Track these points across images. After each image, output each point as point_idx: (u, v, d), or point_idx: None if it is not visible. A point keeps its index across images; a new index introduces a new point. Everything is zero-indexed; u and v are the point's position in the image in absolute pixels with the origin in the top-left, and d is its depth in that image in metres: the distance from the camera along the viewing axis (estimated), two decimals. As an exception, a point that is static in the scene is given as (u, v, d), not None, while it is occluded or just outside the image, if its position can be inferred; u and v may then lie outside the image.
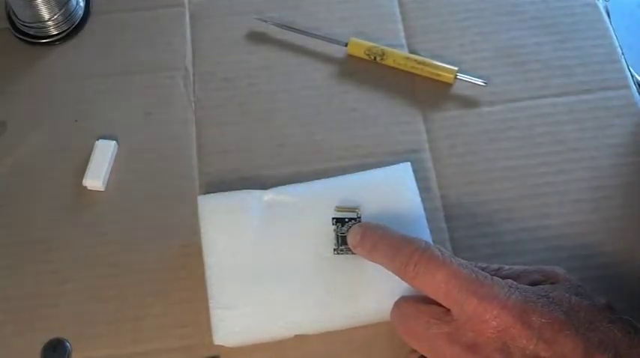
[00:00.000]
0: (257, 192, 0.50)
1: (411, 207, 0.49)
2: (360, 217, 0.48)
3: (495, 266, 0.44)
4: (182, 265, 0.50)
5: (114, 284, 0.49)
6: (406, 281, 0.43)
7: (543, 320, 0.38)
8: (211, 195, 0.50)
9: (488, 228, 0.51)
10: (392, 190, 0.49)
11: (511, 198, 0.52)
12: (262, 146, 0.55)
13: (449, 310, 0.41)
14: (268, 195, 0.49)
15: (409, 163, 0.51)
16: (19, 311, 0.49)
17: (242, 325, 0.45)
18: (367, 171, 0.51)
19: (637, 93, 0.56)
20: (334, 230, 0.48)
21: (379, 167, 0.51)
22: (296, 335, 0.46)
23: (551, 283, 0.42)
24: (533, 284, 0.42)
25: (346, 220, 0.48)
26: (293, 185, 0.50)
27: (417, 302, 0.43)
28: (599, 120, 0.55)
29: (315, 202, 0.49)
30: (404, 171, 0.50)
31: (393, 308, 0.44)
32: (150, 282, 0.49)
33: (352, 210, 0.49)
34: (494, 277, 0.41)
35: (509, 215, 0.52)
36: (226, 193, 0.50)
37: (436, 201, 0.52)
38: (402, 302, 0.44)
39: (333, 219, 0.48)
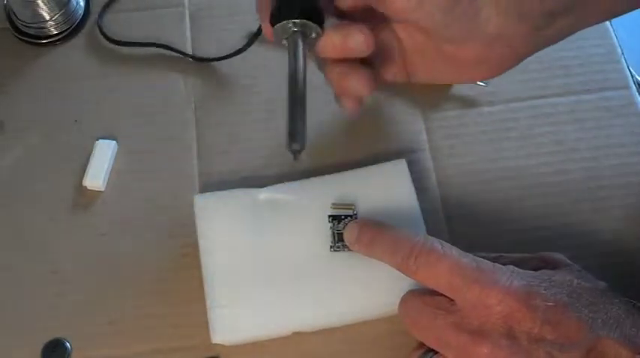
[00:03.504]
0: (253, 191, 0.50)
1: (406, 203, 0.49)
2: (356, 214, 0.48)
3: (494, 255, 0.44)
4: (182, 265, 0.50)
5: (114, 284, 0.49)
6: (408, 276, 0.43)
7: (547, 304, 0.39)
8: (207, 193, 0.50)
9: (488, 228, 0.51)
10: (387, 187, 0.50)
11: (511, 198, 0.52)
12: (262, 146, 0.55)
13: (453, 300, 0.41)
14: (264, 194, 0.49)
15: (404, 160, 0.51)
16: (19, 312, 0.49)
17: (239, 323, 0.45)
18: (362, 168, 0.51)
19: (637, 94, 0.56)
20: (330, 227, 0.48)
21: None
22: (294, 333, 0.46)
23: (552, 268, 0.42)
24: (533, 270, 0.42)
25: (342, 217, 0.48)
26: (289, 183, 0.50)
27: (422, 294, 0.43)
28: (599, 120, 0.55)
29: (311, 200, 0.49)
30: (399, 168, 0.50)
31: (400, 303, 0.44)
32: (150, 282, 0.49)
33: (348, 207, 0.49)
34: (496, 264, 0.41)
35: (509, 215, 0.52)
36: (222, 192, 0.50)
37: (436, 201, 0.52)
38: (408, 296, 0.44)
39: (329, 216, 0.48)
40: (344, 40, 0.43)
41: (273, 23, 0.42)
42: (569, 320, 0.38)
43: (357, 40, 0.43)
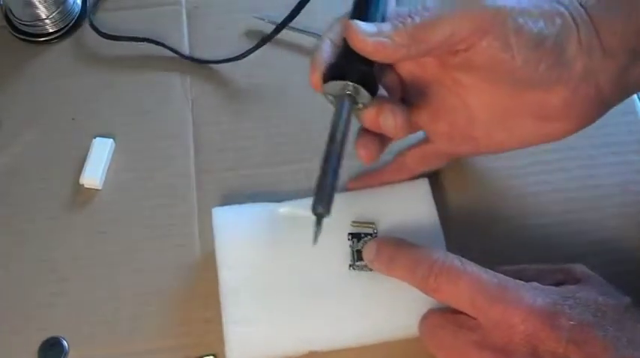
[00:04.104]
0: (272, 205, 0.49)
1: (428, 223, 0.48)
2: (376, 232, 0.48)
3: (515, 267, 0.44)
4: (179, 263, 0.50)
5: (111, 283, 0.49)
6: (428, 294, 0.42)
7: (572, 323, 0.38)
8: (226, 207, 0.49)
9: (486, 228, 0.51)
10: (409, 205, 0.49)
11: (509, 197, 0.52)
12: (260, 144, 0.55)
13: (476, 318, 0.40)
14: (283, 209, 0.49)
15: (427, 179, 0.50)
16: (17, 310, 0.48)
17: (256, 341, 0.45)
18: (384, 186, 0.50)
19: (635, 92, 0.56)
20: (350, 245, 0.47)
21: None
22: (310, 352, 0.45)
23: (574, 282, 0.42)
24: (556, 284, 0.41)
25: (362, 235, 0.48)
26: (308, 199, 0.49)
27: (444, 312, 0.42)
28: (596, 118, 0.55)
29: (331, 217, 0.48)
30: (421, 187, 0.50)
31: (421, 321, 0.44)
32: (147, 281, 0.49)
33: (368, 225, 0.48)
34: (518, 281, 0.40)
35: (507, 214, 0.52)
36: (241, 206, 0.49)
37: (435, 201, 0.52)
38: (429, 313, 0.43)
39: (349, 234, 0.48)
40: (376, 116, 0.43)
41: (329, 77, 0.41)
42: (594, 339, 0.38)
43: (386, 120, 0.42)
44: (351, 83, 0.41)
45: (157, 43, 0.58)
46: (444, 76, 0.44)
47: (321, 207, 0.40)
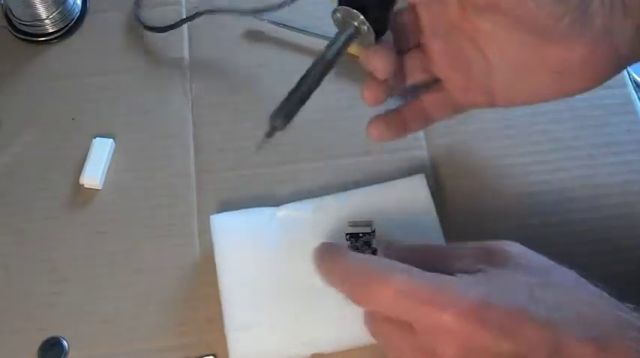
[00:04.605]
0: (270, 209, 0.49)
1: (426, 219, 0.48)
2: (374, 231, 0.48)
3: (439, 246, 0.42)
4: (179, 264, 0.50)
5: (111, 283, 0.49)
6: (359, 305, 0.39)
7: (501, 314, 0.35)
8: (223, 214, 0.49)
9: (485, 227, 0.51)
10: (406, 202, 0.49)
11: (508, 197, 0.52)
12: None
13: (410, 322, 0.37)
14: (281, 212, 0.49)
15: (423, 175, 0.50)
16: (16, 310, 0.49)
17: (259, 345, 0.45)
18: (381, 184, 0.50)
19: (634, 92, 0.56)
20: (348, 246, 0.47)
21: (376, 164, 0.50)
22: (313, 355, 0.46)
23: (501, 264, 0.38)
24: (479, 260, 0.39)
25: (360, 235, 0.48)
26: (306, 201, 0.50)
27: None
28: (596, 118, 0.55)
29: (329, 217, 0.48)
30: (418, 183, 0.50)
31: (366, 321, 0.40)
32: (147, 280, 0.49)
33: (366, 224, 0.48)
34: (449, 277, 0.37)
35: (506, 213, 0.52)
36: (239, 211, 0.49)
37: (434, 201, 0.52)
38: (370, 314, 0.40)
39: (347, 234, 0.48)
40: (368, 59, 0.43)
41: (347, 2, 0.41)
42: (528, 328, 0.35)
43: (376, 64, 0.43)
44: (364, 20, 0.40)
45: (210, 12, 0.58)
46: (465, 22, 0.44)
47: (279, 119, 0.39)
